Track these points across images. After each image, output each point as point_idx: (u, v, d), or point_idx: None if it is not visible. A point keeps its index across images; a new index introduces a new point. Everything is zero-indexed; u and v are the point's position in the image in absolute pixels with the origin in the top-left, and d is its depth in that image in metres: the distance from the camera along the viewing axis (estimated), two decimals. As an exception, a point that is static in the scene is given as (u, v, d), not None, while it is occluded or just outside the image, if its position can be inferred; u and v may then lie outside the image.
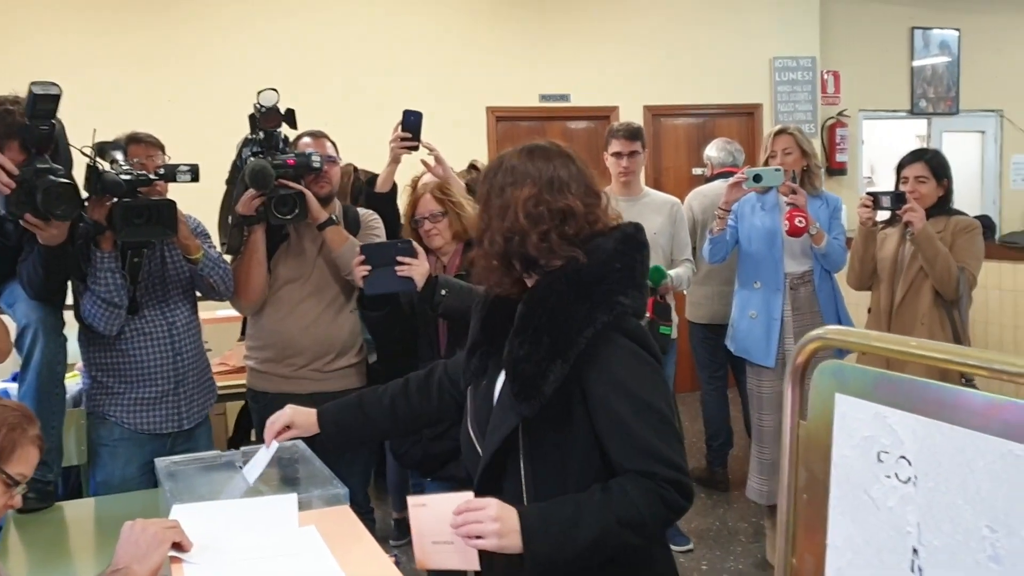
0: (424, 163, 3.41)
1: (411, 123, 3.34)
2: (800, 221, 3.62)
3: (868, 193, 3.71)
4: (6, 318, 2.85)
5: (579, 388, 1.62)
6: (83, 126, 2.77)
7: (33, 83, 2.49)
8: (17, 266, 2.78)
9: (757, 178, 3.67)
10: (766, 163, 3.83)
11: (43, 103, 2.49)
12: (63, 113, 2.82)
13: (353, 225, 3.25)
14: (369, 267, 2.82)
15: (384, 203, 3.45)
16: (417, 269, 2.76)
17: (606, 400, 1.61)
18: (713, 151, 5.07)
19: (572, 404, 1.63)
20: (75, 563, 2.43)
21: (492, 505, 1.53)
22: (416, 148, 3.37)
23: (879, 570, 0.96)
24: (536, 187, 1.68)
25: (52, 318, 2.86)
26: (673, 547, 3.68)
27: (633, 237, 1.73)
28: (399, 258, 2.77)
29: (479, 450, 1.74)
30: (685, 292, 4.60)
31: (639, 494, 1.55)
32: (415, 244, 2.86)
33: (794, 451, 1.06)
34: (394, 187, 3.52)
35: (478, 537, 1.52)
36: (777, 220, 3.77)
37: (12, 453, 1.64)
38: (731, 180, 3.82)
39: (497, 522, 1.51)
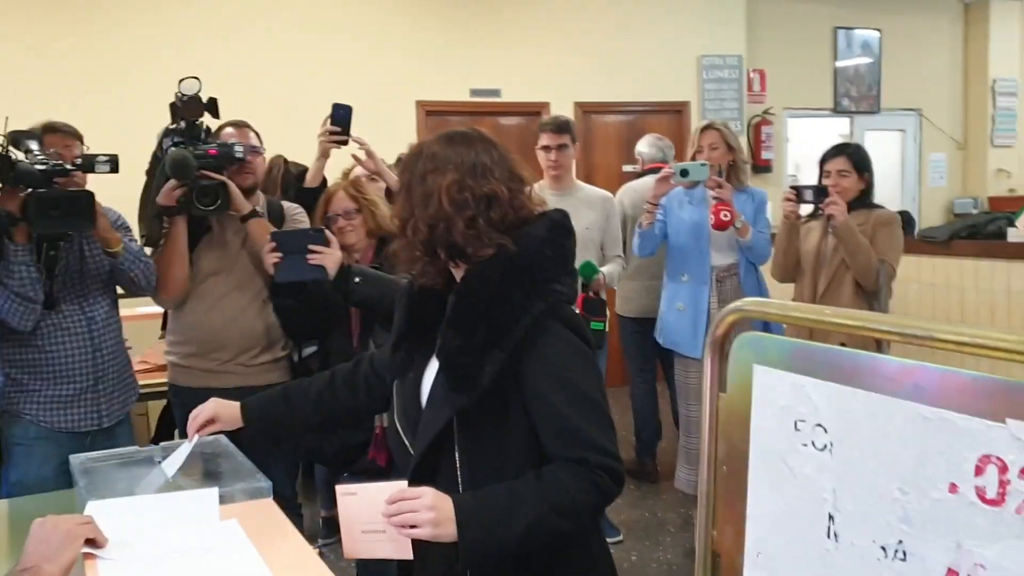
0: (355, 157, 3.37)
1: (340, 117, 3.29)
2: (725, 215, 3.67)
3: (791, 187, 3.78)
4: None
5: (514, 377, 1.60)
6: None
7: None
8: None
9: (684, 173, 3.72)
10: (693, 158, 3.88)
11: None
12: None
13: (277, 218, 3.20)
14: (280, 254, 2.78)
15: (314, 198, 3.40)
16: (329, 257, 2.74)
17: (541, 388, 1.59)
18: (644, 147, 5.11)
19: (508, 394, 1.61)
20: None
21: (427, 494, 1.51)
22: (345, 143, 3.33)
23: (797, 538, 0.96)
24: (459, 173, 1.66)
25: None
26: (604, 538, 3.70)
27: (561, 224, 1.72)
28: (311, 246, 2.74)
29: (409, 446, 1.71)
30: (615, 288, 4.63)
31: (572, 480, 1.54)
32: (328, 233, 2.83)
33: (713, 423, 1.07)
34: (324, 181, 3.48)
35: (412, 526, 1.50)
36: (704, 214, 3.82)
37: None
38: (659, 175, 3.86)
39: (432, 511, 1.49)
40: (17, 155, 2.64)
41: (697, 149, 3.91)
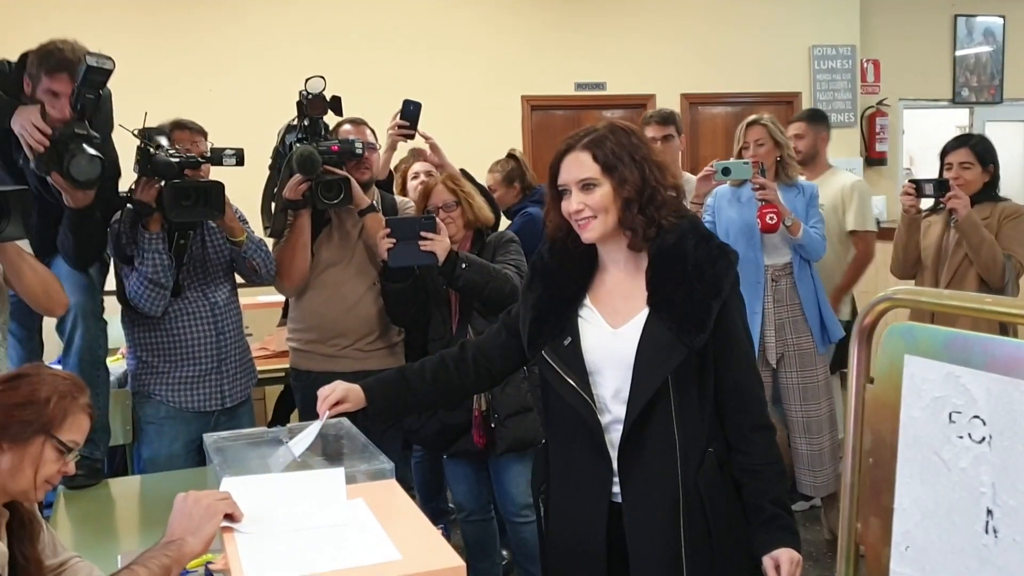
0: (419, 151, 3.49)
1: (410, 112, 3.47)
2: (771, 218, 3.52)
3: (910, 181, 3.67)
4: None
5: (714, 325, 1.84)
6: (131, 112, 2.82)
7: (88, 54, 2.54)
8: (57, 238, 2.84)
9: (726, 171, 3.60)
10: (739, 155, 3.77)
11: (94, 75, 2.55)
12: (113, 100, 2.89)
13: (390, 211, 3.30)
14: (394, 240, 2.89)
15: (382, 188, 3.50)
16: (439, 244, 2.86)
17: (736, 332, 1.88)
18: (745, 136, 5.01)
19: (706, 344, 1.84)
20: (121, 538, 2.46)
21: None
22: (412, 136, 3.50)
23: (950, 531, 0.94)
24: (652, 151, 1.91)
25: (91, 303, 2.93)
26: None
27: None
28: (423, 232, 2.86)
29: (591, 401, 1.87)
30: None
31: (767, 453, 1.88)
32: (438, 220, 2.94)
33: (859, 414, 1.05)
34: (390, 173, 3.65)
35: None
36: (754, 213, 3.69)
37: (64, 421, 1.66)
38: (700, 173, 3.79)
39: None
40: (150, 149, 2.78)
41: (743, 146, 3.80)
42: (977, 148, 3.59)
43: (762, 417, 1.92)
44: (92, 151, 2.57)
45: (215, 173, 2.96)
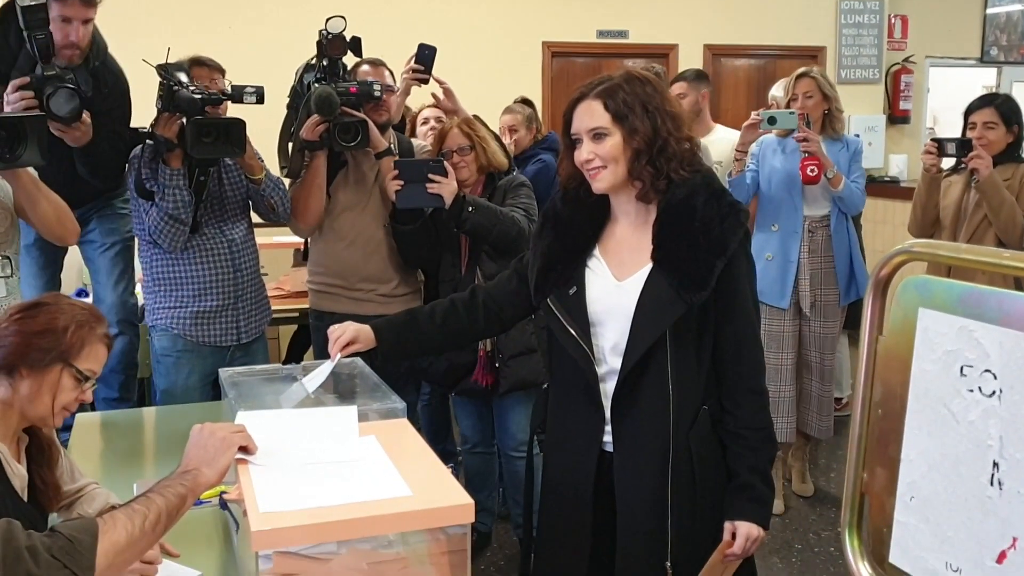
0: (434, 96, 3.48)
1: (425, 57, 3.43)
2: (812, 170, 3.62)
3: (932, 140, 3.65)
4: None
5: (717, 283, 1.82)
6: (151, 48, 2.82)
7: None
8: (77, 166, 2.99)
9: (772, 120, 3.67)
10: (787, 106, 3.82)
11: (32, 14, 2.61)
12: (133, 36, 2.90)
13: (407, 154, 3.30)
14: (402, 182, 2.92)
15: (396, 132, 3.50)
16: (446, 187, 2.91)
17: (740, 292, 1.86)
18: (779, 91, 4.96)
19: (707, 301, 1.83)
20: (138, 466, 2.50)
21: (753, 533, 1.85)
22: (426, 81, 3.45)
23: (956, 483, 0.95)
24: (668, 101, 1.87)
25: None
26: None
27: None
28: (430, 175, 2.90)
29: (589, 350, 1.88)
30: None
31: (759, 419, 1.87)
32: (446, 164, 2.97)
33: (870, 365, 1.06)
34: (403, 118, 3.63)
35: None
36: (797, 164, 3.74)
37: (82, 350, 1.69)
38: (747, 122, 3.82)
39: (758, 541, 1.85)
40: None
41: (791, 97, 3.83)
42: (1002, 108, 3.55)
43: (756, 381, 1.91)
44: (68, 86, 2.65)
45: (233, 111, 2.96)
